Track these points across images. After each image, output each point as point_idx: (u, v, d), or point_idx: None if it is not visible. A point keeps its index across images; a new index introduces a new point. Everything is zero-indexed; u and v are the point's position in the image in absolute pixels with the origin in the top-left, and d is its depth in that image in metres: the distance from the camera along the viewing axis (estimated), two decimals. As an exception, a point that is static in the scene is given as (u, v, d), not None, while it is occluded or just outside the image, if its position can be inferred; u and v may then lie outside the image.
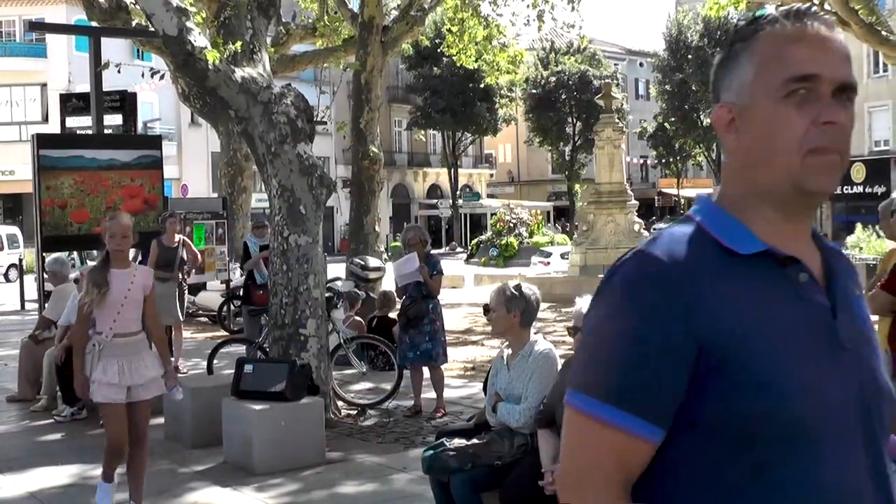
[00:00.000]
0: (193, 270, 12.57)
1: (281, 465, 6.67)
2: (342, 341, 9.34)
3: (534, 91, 57.09)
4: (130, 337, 5.53)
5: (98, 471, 6.87)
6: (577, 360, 1.52)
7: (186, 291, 12.16)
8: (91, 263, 8.56)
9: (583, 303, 4.61)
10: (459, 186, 58.91)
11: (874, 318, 5.47)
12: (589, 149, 51.26)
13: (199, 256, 12.46)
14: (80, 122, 16.09)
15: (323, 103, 24.66)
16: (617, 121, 22.95)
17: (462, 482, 4.63)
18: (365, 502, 6.08)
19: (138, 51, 30.30)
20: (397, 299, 9.47)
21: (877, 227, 22.71)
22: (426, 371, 8.69)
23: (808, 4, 1.88)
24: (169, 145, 37.59)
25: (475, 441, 4.80)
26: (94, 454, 7.41)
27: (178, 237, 11.14)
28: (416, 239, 8.65)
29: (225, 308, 15.33)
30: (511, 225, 36.30)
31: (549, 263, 28.34)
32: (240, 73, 8.08)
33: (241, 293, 11.77)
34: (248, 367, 7.24)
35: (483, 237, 40.12)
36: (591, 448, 1.43)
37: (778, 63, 1.45)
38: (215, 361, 10.03)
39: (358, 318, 11.48)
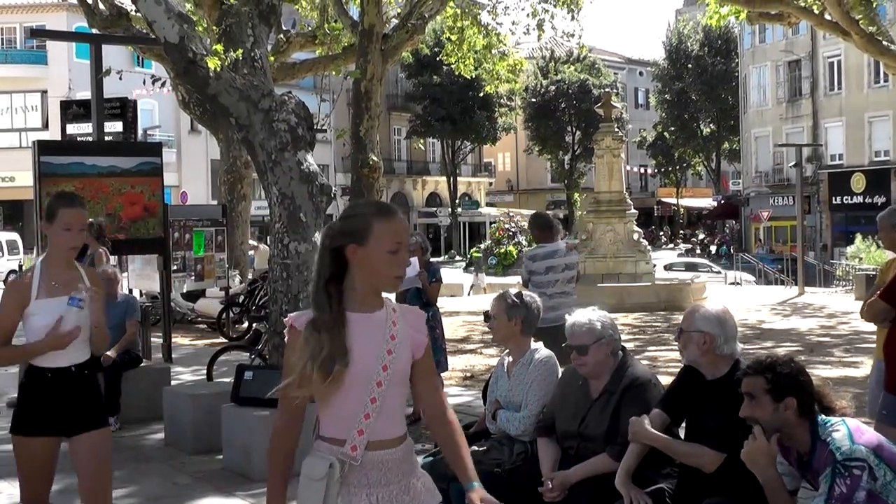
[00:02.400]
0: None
1: (280, 473, 6.65)
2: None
3: (533, 100, 57.25)
4: (392, 448, 2.91)
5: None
6: None
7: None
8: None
9: (574, 318, 4.58)
10: (458, 195, 59.00)
11: (872, 327, 5.48)
12: (588, 158, 51.39)
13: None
14: (81, 129, 16.16)
15: (323, 111, 24.67)
16: (616, 130, 23.00)
17: (461, 490, 4.63)
18: (364, 509, 6.06)
19: (138, 58, 30.38)
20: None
21: (876, 238, 22.76)
22: (425, 378, 8.68)
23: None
24: (168, 152, 37.63)
25: (474, 448, 4.79)
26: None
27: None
28: (416, 245, 8.67)
29: (224, 315, 15.32)
30: (511, 233, 36.31)
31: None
32: (241, 80, 8.10)
33: None
34: (248, 374, 7.24)
35: (482, 245, 40.12)
36: None
37: None
38: (215, 368, 10.10)
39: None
